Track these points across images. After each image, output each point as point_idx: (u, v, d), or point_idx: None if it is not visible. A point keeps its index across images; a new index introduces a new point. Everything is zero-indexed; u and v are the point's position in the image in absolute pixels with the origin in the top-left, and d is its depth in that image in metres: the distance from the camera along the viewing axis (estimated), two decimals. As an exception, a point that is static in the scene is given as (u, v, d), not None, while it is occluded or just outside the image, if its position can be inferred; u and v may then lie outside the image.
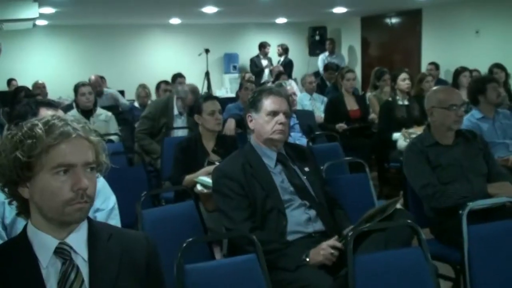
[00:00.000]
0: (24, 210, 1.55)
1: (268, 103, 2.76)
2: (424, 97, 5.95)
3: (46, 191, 1.47)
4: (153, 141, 5.48)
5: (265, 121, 2.75)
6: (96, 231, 1.59)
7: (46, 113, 2.52)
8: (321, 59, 11.48)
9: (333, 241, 2.46)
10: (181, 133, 5.55)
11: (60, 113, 2.58)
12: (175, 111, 5.64)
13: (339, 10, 10.29)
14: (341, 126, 6.00)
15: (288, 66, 11.20)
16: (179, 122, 5.69)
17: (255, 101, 2.80)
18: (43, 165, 1.46)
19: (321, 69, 11.20)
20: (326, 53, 11.50)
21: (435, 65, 8.59)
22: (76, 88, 5.67)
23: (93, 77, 8.14)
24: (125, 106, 7.99)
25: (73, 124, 1.51)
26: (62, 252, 1.50)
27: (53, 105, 2.65)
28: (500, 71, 6.81)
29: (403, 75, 5.82)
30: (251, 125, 2.83)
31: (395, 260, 2.29)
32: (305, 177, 2.78)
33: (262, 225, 2.61)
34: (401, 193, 4.84)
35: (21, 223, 1.75)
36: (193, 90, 5.72)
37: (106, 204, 2.47)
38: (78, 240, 1.54)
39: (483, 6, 9.20)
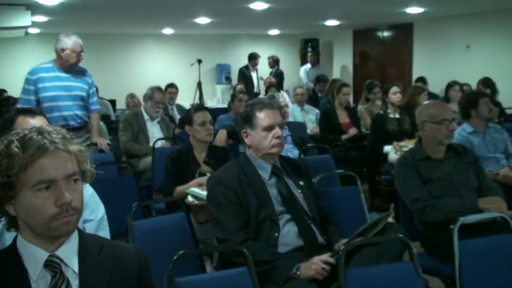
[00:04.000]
0: (13, 225, 1.53)
1: (262, 118, 2.74)
2: (415, 108, 6.04)
3: (30, 209, 1.44)
4: (140, 146, 5.58)
5: (262, 137, 2.73)
6: (87, 244, 1.57)
7: (26, 121, 2.51)
8: (303, 71, 11.50)
9: (325, 256, 2.45)
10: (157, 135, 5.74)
11: (42, 121, 2.56)
12: (145, 117, 5.78)
13: (332, 22, 10.36)
14: (353, 130, 6.14)
15: (278, 77, 11.22)
16: (151, 126, 5.78)
17: (249, 117, 2.77)
18: (24, 183, 1.43)
19: (304, 80, 11.24)
20: (309, 65, 11.53)
21: (423, 81, 8.62)
22: None
23: None
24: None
25: (51, 136, 1.47)
26: (52, 265, 1.49)
27: (32, 112, 2.63)
28: (483, 87, 6.85)
29: (394, 89, 5.84)
30: (247, 141, 2.80)
31: (387, 274, 2.28)
32: (299, 191, 2.77)
33: (255, 235, 2.60)
34: (392, 206, 4.86)
35: (9, 233, 1.73)
36: (158, 87, 6.03)
37: (94, 214, 2.44)
38: (68, 252, 1.52)
39: (474, 21, 9.30)
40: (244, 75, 11.34)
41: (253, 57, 11.47)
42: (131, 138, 5.58)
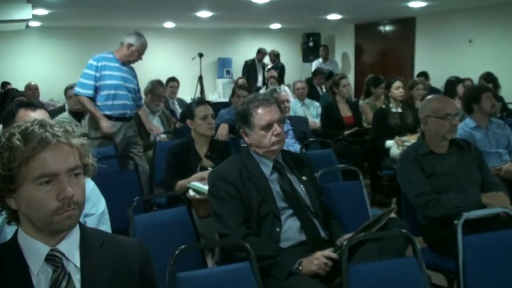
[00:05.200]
0: (14, 218, 1.51)
1: (259, 117, 2.70)
2: (414, 104, 6.03)
3: (32, 202, 1.43)
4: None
5: (261, 136, 2.70)
6: (89, 238, 1.55)
7: (27, 114, 2.50)
8: (315, 65, 11.48)
9: (328, 252, 2.44)
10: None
11: (43, 114, 2.55)
12: (146, 110, 5.81)
13: (333, 17, 10.32)
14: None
15: (279, 70, 11.21)
16: (151, 119, 5.81)
17: (246, 116, 2.73)
18: (25, 176, 1.41)
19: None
20: (320, 60, 11.51)
21: (425, 76, 8.58)
22: (65, 91, 5.67)
23: None
24: None
25: (54, 129, 1.45)
26: (54, 259, 1.47)
27: (33, 105, 2.61)
28: (485, 82, 6.82)
29: (397, 83, 5.82)
30: (246, 139, 2.77)
31: (390, 269, 2.27)
32: (302, 186, 2.75)
33: (257, 230, 2.58)
34: (394, 201, 4.85)
35: (9, 227, 1.71)
36: (159, 81, 6.11)
37: (95, 208, 2.43)
38: (70, 246, 1.50)
39: (477, 16, 9.26)
40: (249, 68, 11.34)
41: (261, 52, 11.49)
42: None
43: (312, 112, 7.03)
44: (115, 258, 1.55)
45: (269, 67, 11.55)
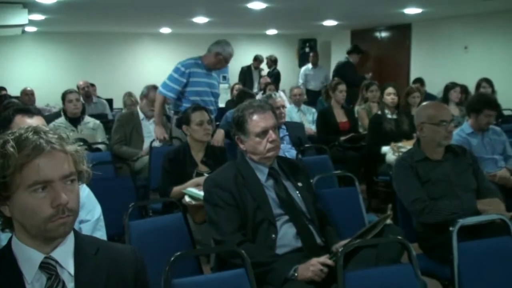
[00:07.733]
0: (8, 226, 1.50)
1: (254, 123, 2.69)
2: (410, 110, 6.05)
3: (26, 209, 1.42)
4: (128, 147, 5.55)
5: (256, 143, 2.69)
6: (83, 245, 1.55)
7: (24, 121, 2.49)
8: (303, 71, 11.45)
9: (324, 258, 2.44)
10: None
11: (40, 120, 2.54)
12: (141, 116, 5.79)
13: (329, 23, 10.36)
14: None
15: (275, 77, 11.20)
16: (147, 124, 5.75)
17: (241, 123, 2.73)
18: (19, 183, 1.41)
19: (299, 81, 11.21)
20: (309, 65, 11.46)
21: (421, 82, 8.59)
22: (64, 95, 5.65)
23: (81, 82, 8.14)
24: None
25: (48, 136, 1.45)
26: (48, 267, 1.46)
27: (30, 112, 2.61)
28: (488, 85, 6.86)
29: (389, 90, 5.82)
30: (242, 146, 2.76)
31: (385, 276, 2.27)
32: (297, 192, 2.75)
33: (253, 236, 2.58)
34: (389, 207, 4.85)
35: (4, 234, 1.71)
36: (154, 85, 6.07)
37: (91, 214, 2.43)
38: (64, 254, 1.49)
39: (472, 22, 9.30)
40: (245, 75, 11.35)
41: (257, 59, 11.49)
42: (120, 140, 5.56)
43: (308, 118, 7.04)
44: (109, 265, 1.54)
45: (263, 73, 11.54)
